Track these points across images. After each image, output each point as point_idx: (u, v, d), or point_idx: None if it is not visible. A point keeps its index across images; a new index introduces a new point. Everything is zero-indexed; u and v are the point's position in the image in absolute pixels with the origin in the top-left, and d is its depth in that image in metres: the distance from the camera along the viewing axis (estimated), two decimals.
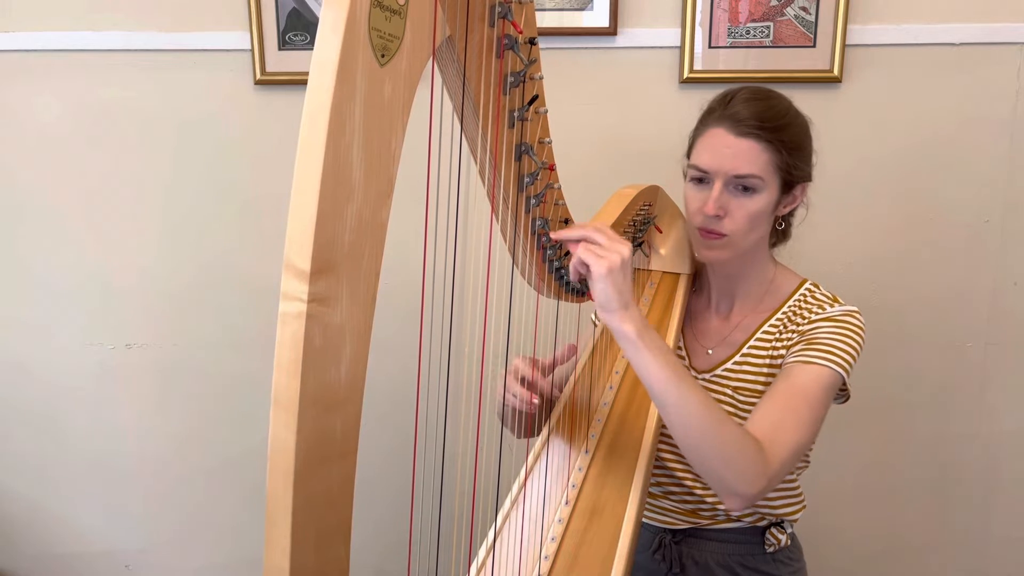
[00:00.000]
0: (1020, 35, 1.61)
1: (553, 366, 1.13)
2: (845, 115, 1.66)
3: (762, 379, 1.15)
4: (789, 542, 1.23)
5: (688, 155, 1.18)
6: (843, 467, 1.83)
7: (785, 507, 1.21)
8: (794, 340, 1.12)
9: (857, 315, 1.12)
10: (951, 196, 1.70)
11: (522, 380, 1.10)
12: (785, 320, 1.16)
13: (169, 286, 1.85)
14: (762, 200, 1.10)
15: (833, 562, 1.89)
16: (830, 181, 1.66)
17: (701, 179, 1.13)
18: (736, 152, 1.08)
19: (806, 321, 1.13)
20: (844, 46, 1.61)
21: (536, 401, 1.08)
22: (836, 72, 1.62)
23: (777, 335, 1.15)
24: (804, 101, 1.18)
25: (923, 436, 1.82)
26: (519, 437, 1.18)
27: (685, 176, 1.19)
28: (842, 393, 1.13)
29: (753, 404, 1.13)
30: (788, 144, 1.09)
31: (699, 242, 1.16)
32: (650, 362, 0.93)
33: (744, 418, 1.14)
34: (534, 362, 1.11)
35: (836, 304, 1.14)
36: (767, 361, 1.15)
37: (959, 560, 1.90)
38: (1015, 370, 1.78)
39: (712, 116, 1.12)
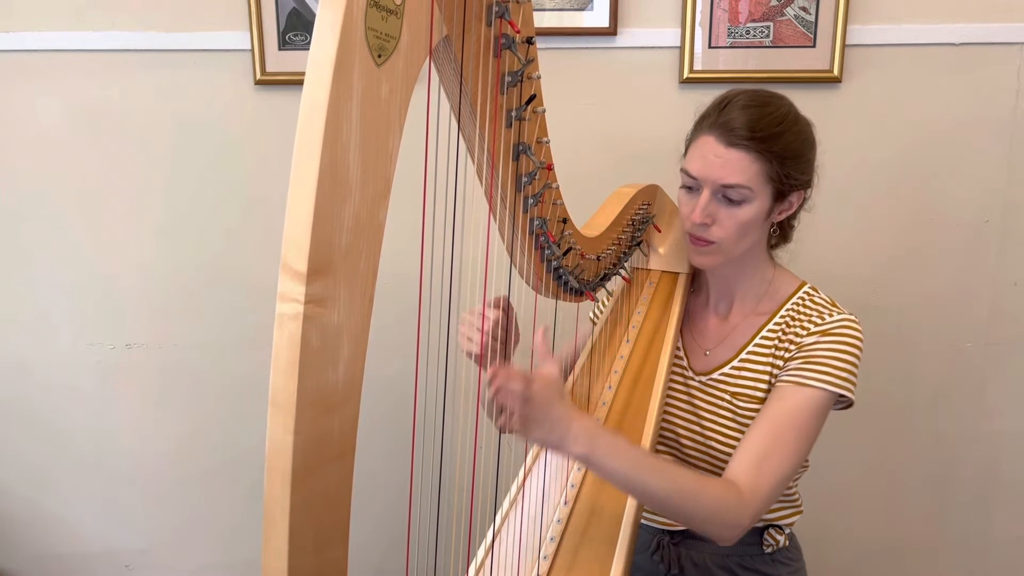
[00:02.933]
0: (1020, 35, 1.61)
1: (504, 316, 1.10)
2: (845, 115, 1.66)
3: (761, 386, 1.14)
4: (788, 543, 1.23)
5: (685, 157, 1.18)
6: (843, 467, 1.83)
7: (778, 513, 1.21)
8: (792, 353, 1.12)
9: (855, 325, 1.11)
10: (951, 196, 1.69)
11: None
12: (784, 325, 1.15)
13: (169, 286, 1.85)
14: (751, 210, 1.09)
15: (833, 562, 1.88)
16: (830, 181, 1.64)
17: (691, 186, 1.12)
18: (725, 162, 1.07)
19: (806, 332, 1.12)
20: (844, 46, 1.61)
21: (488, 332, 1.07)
22: (836, 72, 1.62)
23: (776, 341, 1.14)
24: (804, 101, 1.18)
25: (923, 436, 1.82)
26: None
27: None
28: (842, 399, 1.11)
29: (751, 410, 1.13)
30: (780, 153, 1.07)
31: (690, 248, 1.16)
32: (606, 472, 0.94)
33: (742, 423, 1.13)
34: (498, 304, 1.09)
35: (834, 311, 1.13)
36: (768, 368, 1.14)
37: (959, 560, 1.90)
38: (1015, 370, 1.78)
39: (706, 122, 1.10)
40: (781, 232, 1.20)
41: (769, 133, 1.06)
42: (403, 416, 1.05)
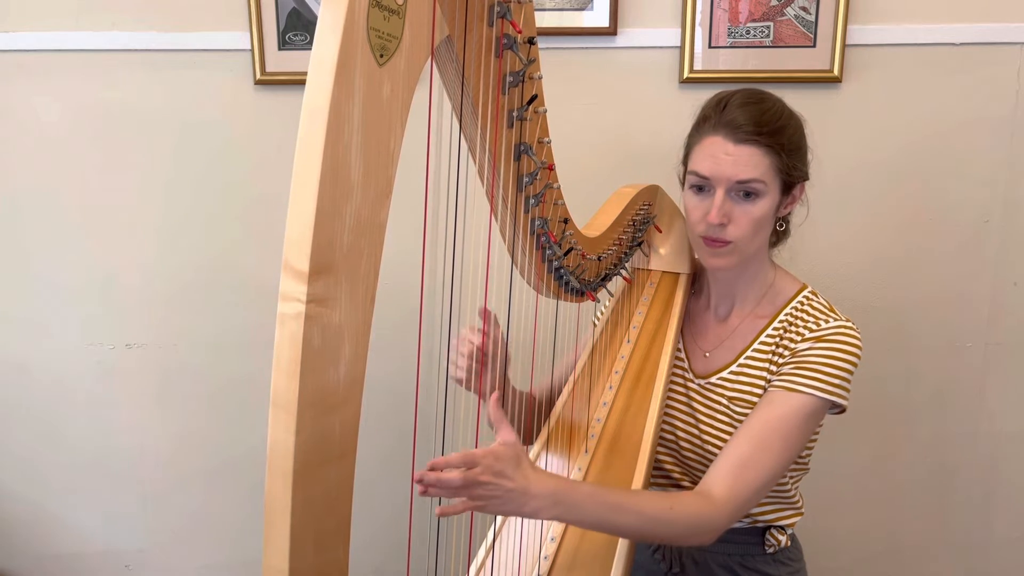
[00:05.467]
0: (1020, 35, 1.61)
1: (493, 344, 1.08)
2: (845, 115, 1.66)
3: (757, 391, 1.14)
4: (789, 543, 1.23)
5: (684, 162, 1.17)
6: (843, 467, 1.83)
7: (778, 515, 1.21)
8: (786, 359, 1.11)
9: (851, 331, 1.10)
10: (951, 196, 1.69)
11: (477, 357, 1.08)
12: (781, 331, 1.15)
13: (169, 286, 1.85)
14: (765, 204, 1.09)
15: (833, 563, 1.88)
16: (830, 181, 1.65)
17: (701, 187, 1.12)
18: (736, 159, 1.07)
19: (800, 338, 1.11)
20: (844, 46, 1.61)
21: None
22: (836, 72, 1.62)
23: (774, 347, 1.14)
24: (804, 101, 1.18)
25: (923, 436, 1.82)
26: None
27: (681, 182, 1.18)
28: (835, 406, 1.10)
29: (747, 415, 1.13)
30: (786, 146, 1.08)
31: (704, 251, 1.14)
32: (576, 524, 0.96)
33: (738, 426, 1.13)
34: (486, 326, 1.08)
35: (831, 317, 1.12)
36: (764, 374, 1.14)
37: (959, 561, 1.90)
38: (1015, 370, 1.78)
39: (708, 123, 1.10)
40: (783, 229, 1.20)
41: (774, 127, 1.07)
42: (404, 416, 1.05)
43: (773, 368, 1.13)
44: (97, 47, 1.72)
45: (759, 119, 1.07)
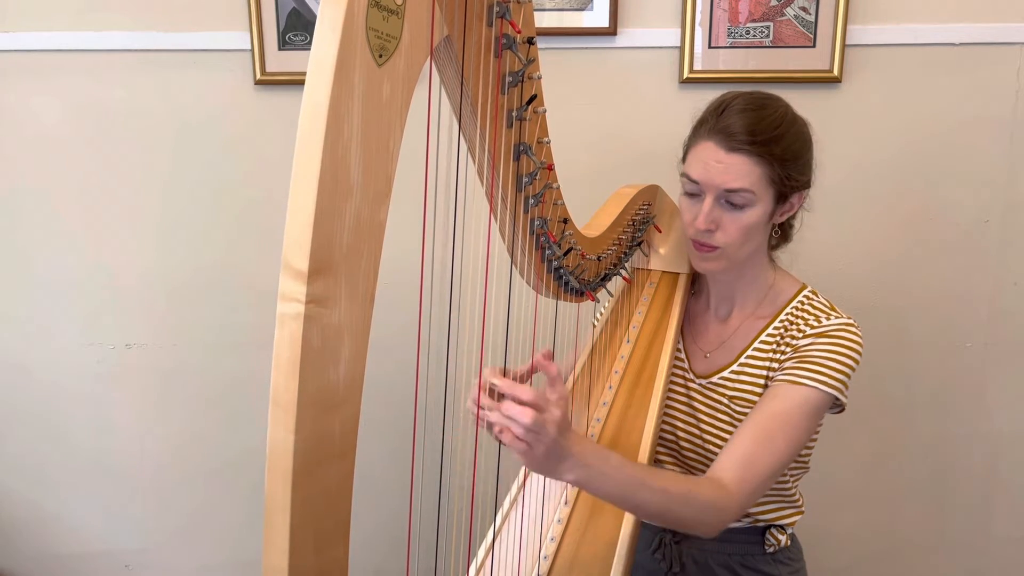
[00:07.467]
0: (1020, 35, 1.61)
1: (529, 374, 1.04)
2: (845, 115, 1.66)
3: (759, 390, 1.14)
4: (789, 543, 1.23)
5: (684, 162, 1.18)
6: (843, 467, 1.83)
7: (778, 514, 1.21)
8: (788, 355, 1.12)
9: (853, 328, 1.10)
10: (951, 196, 1.69)
11: (491, 391, 1.04)
12: (782, 330, 1.15)
13: (169, 286, 1.85)
14: (755, 213, 1.09)
15: (833, 562, 1.88)
16: (830, 181, 1.65)
17: (694, 191, 1.12)
18: (727, 167, 1.06)
19: (802, 335, 1.12)
20: (844, 46, 1.61)
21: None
22: (836, 72, 1.62)
23: (775, 346, 1.14)
24: (804, 101, 1.18)
25: (923, 436, 1.82)
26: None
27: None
28: (837, 404, 1.11)
29: (748, 414, 1.13)
30: (781, 156, 1.07)
31: (694, 254, 1.15)
32: (598, 495, 0.93)
33: (738, 426, 1.13)
34: (504, 372, 1.02)
35: (832, 314, 1.12)
36: (764, 373, 1.14)
37: (959, 560, 1.90)
38: (1015, 370, 1.78)
39: (704, 127, 1.10)
40: (781, 233, 1.20)
41: (769, 136, 1.06)
42: (404, 416, 1.05)
43: (775, 366, 1.13)
44: (97, 47, 1.72)
45: (754, 127, 1.05)
